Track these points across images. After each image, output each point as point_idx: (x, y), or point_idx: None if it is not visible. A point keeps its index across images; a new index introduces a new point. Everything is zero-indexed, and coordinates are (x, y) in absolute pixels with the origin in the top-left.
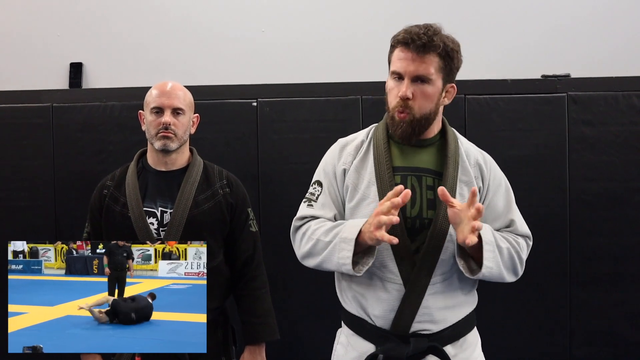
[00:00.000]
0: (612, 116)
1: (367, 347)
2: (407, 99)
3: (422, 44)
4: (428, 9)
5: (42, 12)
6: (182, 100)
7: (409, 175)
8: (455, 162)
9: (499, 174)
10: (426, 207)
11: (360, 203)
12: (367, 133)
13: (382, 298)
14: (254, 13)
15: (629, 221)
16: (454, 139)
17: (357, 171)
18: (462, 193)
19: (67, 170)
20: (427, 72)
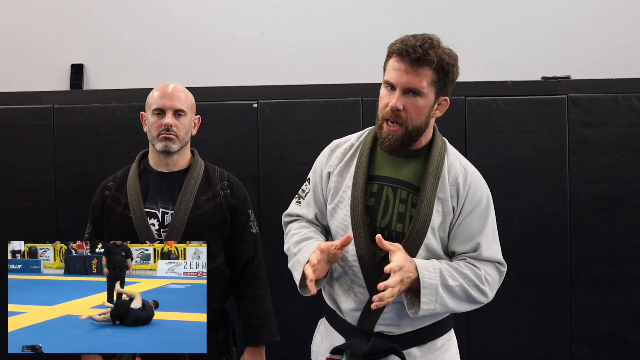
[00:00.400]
0: (612, 118)
1: (338, 340)
2: (397, 110)
3: (417, 57)
4: (428, 11)
5: (43, 14)
6: (184, 101)
7: (385, 186)
8: (436, 176)
9: (478, 195)
10: (396, 220)
11: (337, 206)
12: (359, 137)
13: (349, 297)
14: (255, 15)
15: (629, 222)
16: (439, 152)
17: (340, 175)
18: (437, 209)
19: (68, 171)
20: (419, 86)
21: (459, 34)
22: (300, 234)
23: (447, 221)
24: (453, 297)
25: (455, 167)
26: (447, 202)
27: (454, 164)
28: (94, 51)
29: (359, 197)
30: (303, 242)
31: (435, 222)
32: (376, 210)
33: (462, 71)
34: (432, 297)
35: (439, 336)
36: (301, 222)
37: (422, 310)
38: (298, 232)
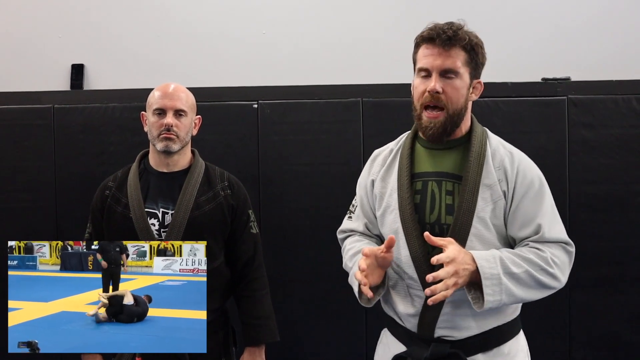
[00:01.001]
0: (612, 119)
1: (399, 348)
2: (437, 93)
3: (448, 37)
4: (429, 12)
5: (44, 14)
6: (185, 102)
7: (429, 181)
8: (479, 164)
9: (529, 176)
10: (445, 212)
11: (385, 211)
12: (398, 142)
13: (406, 302)
14: (255, 15)
15: (629, 224)
16: (480, 139)
17: (383, 180)
18: (485, 197)
19: (68, 171)
20: (454, 66)
21: None
22: (355, 248)
23: (500, 207)
24: (520, 284)
25: (500, 151)
26: (496, 187)
27: (497, 149)
28: (95, 51)
29: (405, 197)
30: (357, 256)
31: (484, 210)
32: (423, 207)
33: None
34: (495, 288)
35: (506, 341)
36: (354, 236)
37: (488, 302)
38: (352, 247)
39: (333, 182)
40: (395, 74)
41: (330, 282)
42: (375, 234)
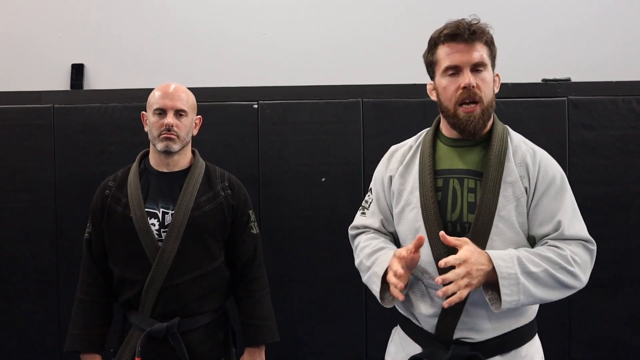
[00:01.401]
0: (612, 120)
1: (414, 349)
2: (473, 87)
3: (473, 32)
4: (429, 13)
5: (44, 14)
6: (185, 101)
7: (451, 178)
8: (500, 162)
9: (551, 173)
10: (467, 210)
11: (404, 209)
12: (417, 138)
13: (425, 303)
14: (255, 15)
15: (629, 225)
16: (500, 136)
17: (402, 177)
18: (506, 195)
19: (68, 171)
20: (482, 59)
21: None
22: (371, 245)
23: (522, 204)
24: (538, 284)
25: (522, 148)
26: (518, 184)
27: (519, 146)
28: (95, 51)
29: (429, 196)
30: (376, 254)
31: (505, 209)
32: (445, 205)
33: None
34: (513, 288)
35: (524, 343)
36: (368, 233)
37: (505, 303)
38: (368, 245)
39: (333, 183)
40: (396, 74)
41: (331, 283)
42: (390, 232)
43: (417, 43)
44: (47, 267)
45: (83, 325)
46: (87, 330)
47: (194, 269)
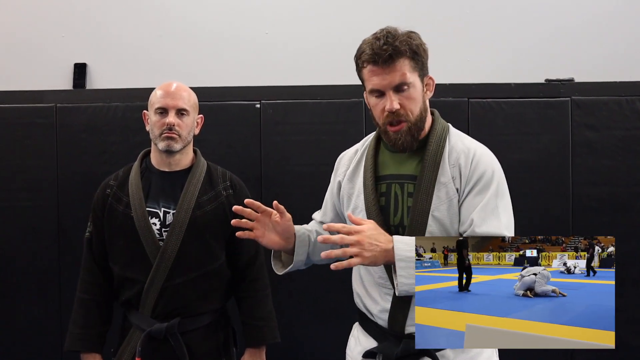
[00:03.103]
0: (615, 121)
1: (371, 343)
2: (396, 110)
3: (389, 55)
4: (430, 13)
5: (47, 13)
6: (187, 101)
7: (393, 183)
8: (435, 162)
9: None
10: (406, 214)
11: (353, 212)
12: (363, 143)
13: (376, 299)
14: (257, 15)
15: (632, 226)
16: (438, 137)
17: (350, 181)
18: (439, 195)
19: (70, 170)
20: (404, 79)
21: (462, 37)
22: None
23: (454, 205)
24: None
25: (457, 148)
26: (450, 186)
27: (455, 145)
28: (97, 51)
29: (370, 199)
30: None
31: (440, 209)
32: (387, 209)
33: (465, 73)
34: (410, 271)
35: None
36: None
37: (401, 285)
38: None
39: None
40: None
41: (331, 283)
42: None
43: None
44: (49, 266)
45: (83, 324)
46: (88, 330)
47: (195, 268)
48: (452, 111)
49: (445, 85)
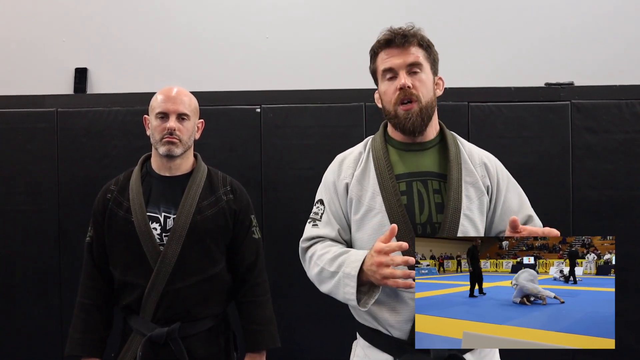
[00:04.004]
0: (615, 124)
1: (384, 358)
2: (408, 88)
3: (403, 35)
4: (431, 17)
5: (48, 18)
6: (188, 105)
7: (414, 181)
8: (458, 163)
9: (505, 172)
10: (435, 211)
11: (366, 215)
12: (365, 145)
13: (396, 309)
14: (258, 20)
15: (632, 229)
16: (453, 140)
17: (359, 183)
18: (469, 195)
19: (71, 175)
20: (416, 59)
21: (462, 40)
22: (331, 252)
23: (484, 203)
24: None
25: (475, 151)
26: (478, 184)
27: (472, 149)
28: (98, 55)
29: (393, 200)
30: (339, 258)
31: (469, 208)
32: (412, 208)
33: (465, 77)
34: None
35: None
36: (324, 242)
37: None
38: (327, 251)
39: None
40: None
41: None
42: (345, 240)
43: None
44: (50, 270)
45: (84, 329)
46: (88, 334)
47: (196, 273)
48: (452, 115)
49: (445, 89)
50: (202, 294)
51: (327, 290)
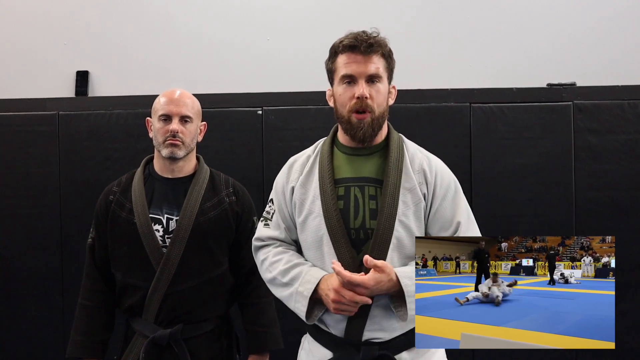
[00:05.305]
0: (617, 125)
1: (324, 354)
2: (365, 98)
3: (369, 44)
4: (433, 19)
5: (49, 21)
6: (190, 108)
7: (352, 186)
8: (398, 168)
9: (446, 179)
10: (369, 217)
11: (307, 218)
12: (315, 148)
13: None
14: (259, 21)
15: (634, 230)
16: (397, 145)
17: (303, 187)
18: (405, 200)
19: (73, 178)
20: (377, 71)
21: (464, 41)
22: (283, 261)
23: (420, 210)
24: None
25: (418, 156)
26: (416, 191)
27: (415, 154)
28: (99, 58)
29: (330, 203)
30: (292, 271)
31: (405, 214)
32: (347, 212)
33: (467, 78)
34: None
35: None
36: (275, 246)
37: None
38: (279, 259)
39: None
40: (398, 79)
41: None
42: (294, 240)
43: (419, 49)
44: (52, 274)
45: (85, 331)
46: (89, 336)
47: (198, 275)
48: (454, 116)
49: (447, 90)
50: (205, 295)
51: (279, 297)
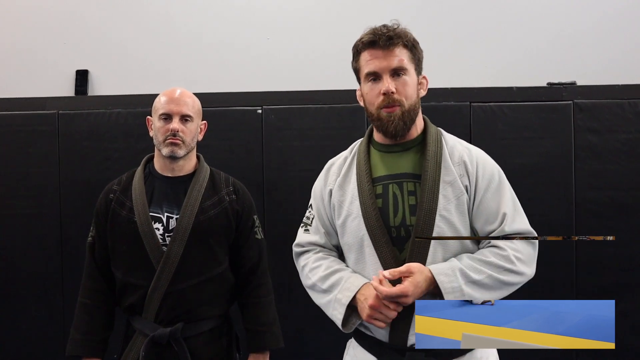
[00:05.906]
0: (618, 124)
1: (368, 358)
2: (392, 93)
3: (389, 37)
4: (433, 18)
5: (48, 21)
6: (191, 107)
7: (390, 184)
8: (437, 162)
9: (489, 170)
10: (409, 213)
11: (346, 220)
12: (351, 149)
13: None
14: (259, 20)
15: (635, 230)
16: (435, 138)
17: (341, 188)
18: (446, 194)
19: (73, 177)
20: (401, 64)
21: (464, 40)
22: (323, 267)
23: (463, 203)
24: (483, 289)
25: (457, 148)
26: (457, 183)
27: (455, 146)
28: (99, 57)
29: (368, 203)
30: (332, 277)
31: (446, 208)
32: (386, 211)
33: (467, 77)
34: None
35: None
36: (316, 252)
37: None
38: (319, 265)
39: None
40: None
41: None
42: (334, 245)
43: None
44: (52, 273)
45: (85, 330)
46: (89, 335)
47: (198, 274)
48: (453, 115)
49: (446, 89)
50: (205, 294)
51: (317, 303)
